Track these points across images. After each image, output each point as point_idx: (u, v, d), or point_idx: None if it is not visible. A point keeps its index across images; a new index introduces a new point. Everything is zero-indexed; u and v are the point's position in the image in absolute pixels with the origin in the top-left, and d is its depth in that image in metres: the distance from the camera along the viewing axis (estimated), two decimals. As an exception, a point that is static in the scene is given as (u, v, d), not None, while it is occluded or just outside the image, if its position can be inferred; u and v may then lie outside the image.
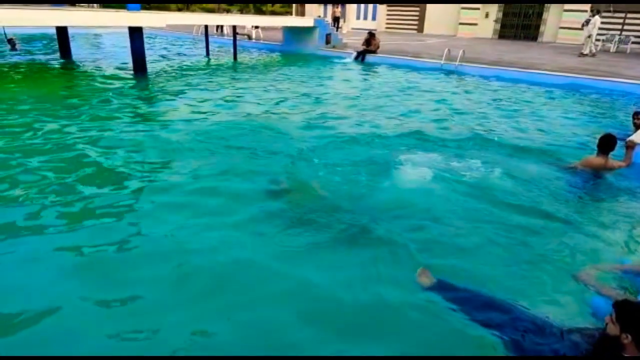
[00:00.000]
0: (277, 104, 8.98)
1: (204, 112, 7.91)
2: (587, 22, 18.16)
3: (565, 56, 17.63)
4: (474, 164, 5.60)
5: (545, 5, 26.66)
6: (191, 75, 12.11)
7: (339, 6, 25.63)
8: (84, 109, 7.66)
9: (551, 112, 9.03)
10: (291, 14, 36.12)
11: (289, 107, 8.75)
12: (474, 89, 11.52)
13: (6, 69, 11.65)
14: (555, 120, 8.39)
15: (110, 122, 6.99)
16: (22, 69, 11.82)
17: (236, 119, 7.52)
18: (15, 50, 14.80)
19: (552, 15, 26.61)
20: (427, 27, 32.21)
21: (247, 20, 19.42)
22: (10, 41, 14.96)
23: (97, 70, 12.20)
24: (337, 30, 21.50)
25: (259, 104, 8.90)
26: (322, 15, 33.95)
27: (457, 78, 13.09)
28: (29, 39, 19.22)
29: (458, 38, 27.79)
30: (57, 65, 12.82)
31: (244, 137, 6.48)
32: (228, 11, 35.88)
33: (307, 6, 38.25)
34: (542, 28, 27.23)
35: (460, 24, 29.99)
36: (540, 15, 27.18)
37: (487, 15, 28.96)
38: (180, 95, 9.30)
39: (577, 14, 24.37)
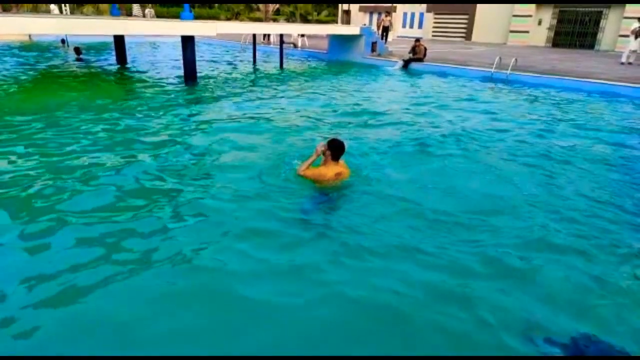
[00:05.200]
0: (322, 112, 8.99)
1: (250, 120, 8.01)
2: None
3: (624, 65, 16.71)
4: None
5: (604, 12, 25.42)
6: (239, 83, 12.38)
7: (389, 15, 25.09)
8: (138, 114, 7.99)
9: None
10: (336, 23, 36.37)
11: (333, 114, 8.75)
12: (526, 97, 11.09)
13: (72, 75, 12.39)
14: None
15: (161, 127, 7.23)
16: (85, 75, 12.55)
17: (280, 126, 7.58)
18: (80, 57, 15.74)
19: (611, 23, 25.32)
20: (476, 35, 31.49)
21: (294, 29, 19.70)
22: (77, 50, 15.99)
23: (150, 77, 12.72)
24: (382, 39, 21.38)
25: (303, 111, 8.94)
26: (367, 24, 33.98)
27: (508, 86, 12.66)
28: (90, 47, 20.36)
29: (508, 46, 26.97)
30: (114, 72, 13.47)
31: (288, 144, 6.51)
32: (275, 20, 36.65)
33: (352, 15, 38.46)
34: (599, 36, 25.97)
35: (511, 31, 29.11)
36: (597, 22, 25.94)
37: (540, 23, 27.94)
38: (229, 102, 9.49)
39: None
